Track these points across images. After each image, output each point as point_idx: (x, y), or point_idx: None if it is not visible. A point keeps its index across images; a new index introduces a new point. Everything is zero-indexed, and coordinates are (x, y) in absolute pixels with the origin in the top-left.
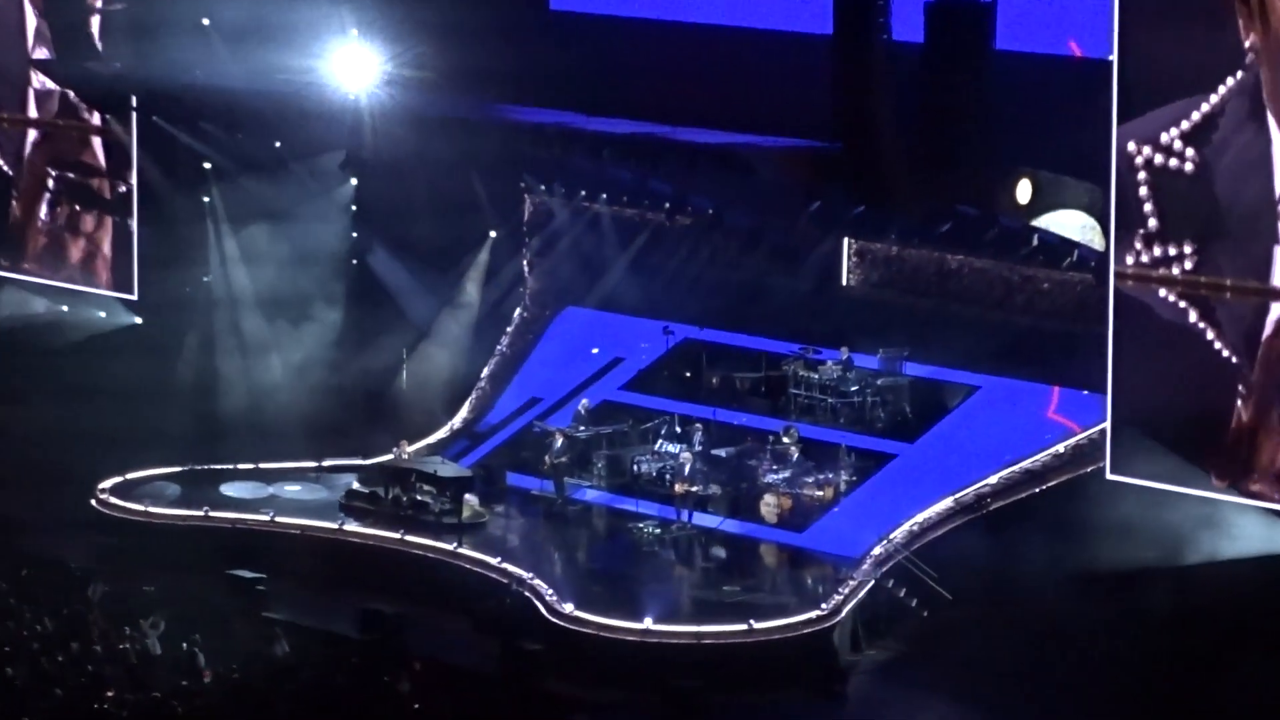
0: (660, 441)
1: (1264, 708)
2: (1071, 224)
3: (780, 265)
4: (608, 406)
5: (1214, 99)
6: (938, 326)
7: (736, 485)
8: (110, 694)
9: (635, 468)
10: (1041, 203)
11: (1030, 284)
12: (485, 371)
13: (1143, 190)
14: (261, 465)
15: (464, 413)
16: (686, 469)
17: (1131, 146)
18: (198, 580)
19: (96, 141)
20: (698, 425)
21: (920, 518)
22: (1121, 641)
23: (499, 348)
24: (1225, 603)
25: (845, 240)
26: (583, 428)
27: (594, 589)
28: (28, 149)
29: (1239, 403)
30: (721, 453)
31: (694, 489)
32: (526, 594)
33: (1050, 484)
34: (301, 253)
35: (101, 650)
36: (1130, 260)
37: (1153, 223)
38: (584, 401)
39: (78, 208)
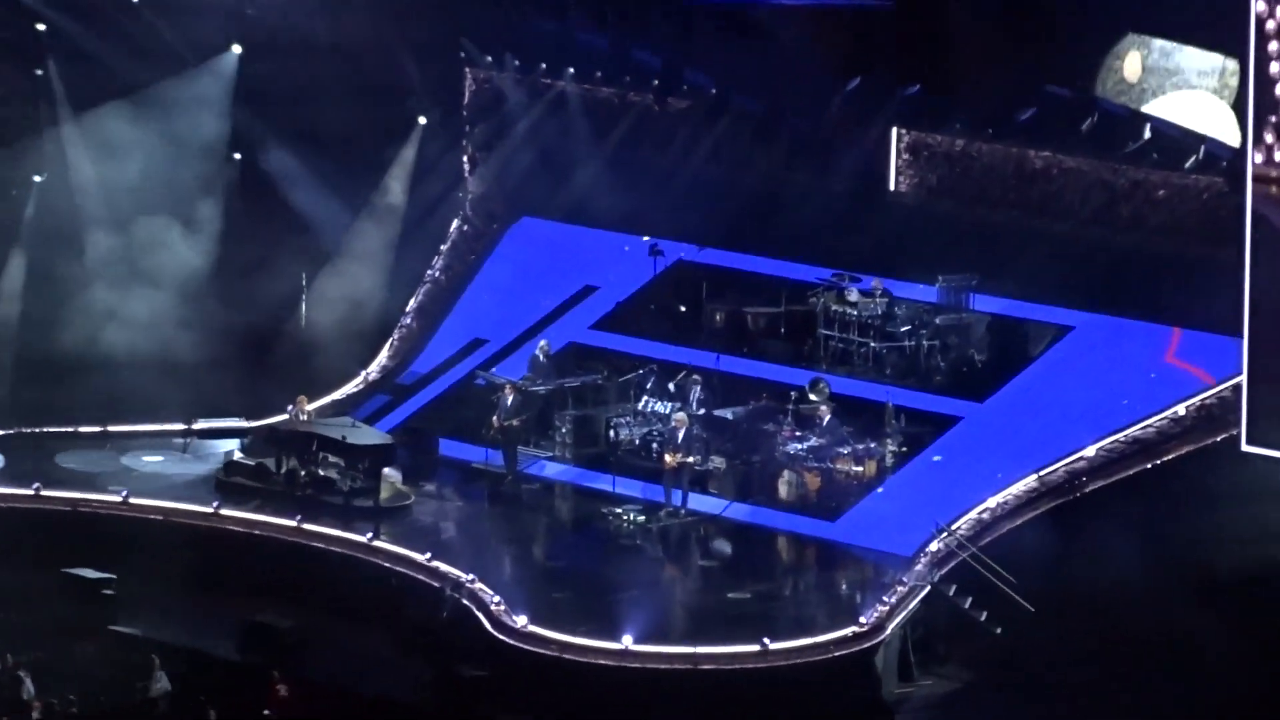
0: (645, 399)
1: None
2: (1196, 111)
3: (806, 164)
4: (575, 351)
5: None
6: (1016, 247)
7: (747, 458)
8: None
9: (612, 434)
10: (1156, 82)
11: (1140, 191)
12: (412, 304)
13: None
14: (110, 428)
15: (383, 358)
16: (680, 436)
17: (1262, 6)
18: (24, 581)
19: None
20: (695, 377)
21: (992, 502)
22: (1258, 670)
23: (430, 272)
24: None
25: (894, 131)
26: (541, 380)
27: (556, 596)
28: None
29: None
30: (727, 414)
31: (690, 462)
32: (466, 603)
33: (1167, 458)
34: (168, 146)
35: None
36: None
37: None
38: (543, 344)
39: None
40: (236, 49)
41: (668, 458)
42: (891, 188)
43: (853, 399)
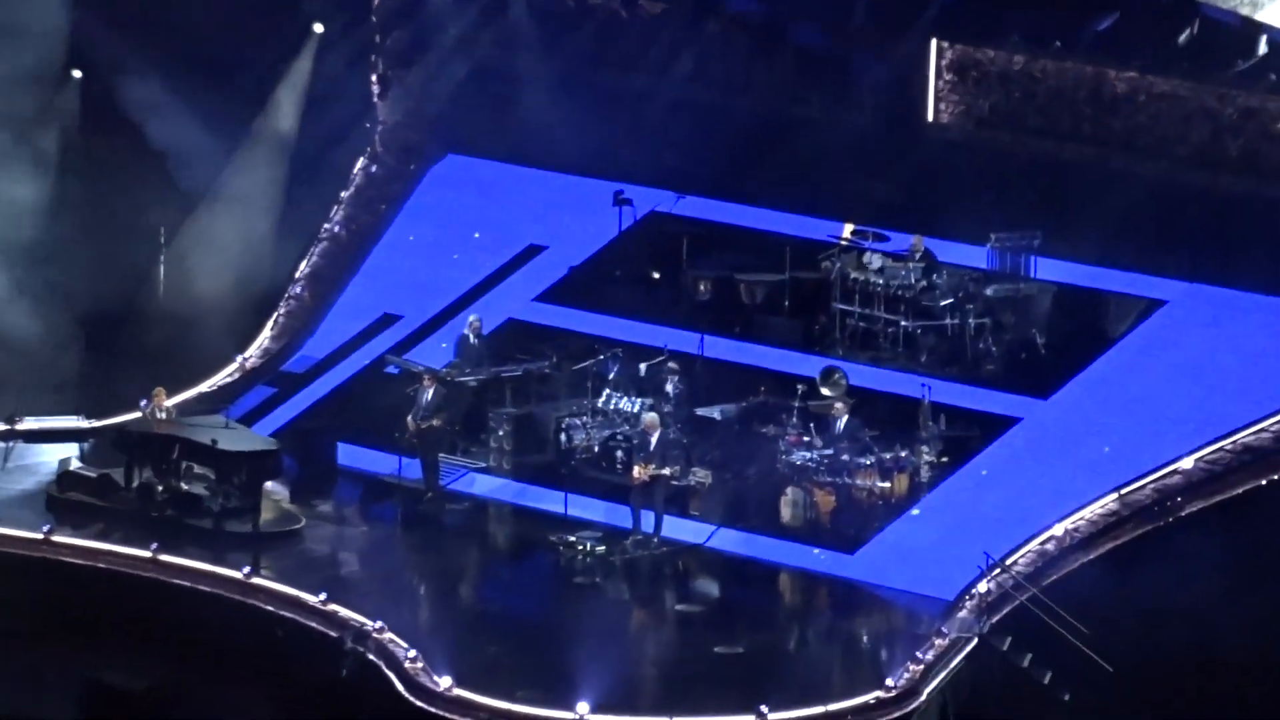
0: (607, 394)
1: None
2: None
3: (818, 87)
4: (516, 330)
5: None
6: (1092, 195)
7: (739, 470)
8: None
9: (564, 438)
10: None
11: (1254, 122)
12: (304, 267)
13: None
14: None
15: (265, 339)
16: (653, 441)
17: None
18: None
19: None
20: (673, 365)
21: (1060, 529)
22: None
23: (328, 226)
24: None
25: (933, 45)
26: (472, 368)
27: (490, 650)
28: None
29: None
30: (714, 413)
31: (665, 475)
32: (372, 658)
33: None
34: None
35: None
36: None
37: None
38: (474, 321)
39: None
40: None
41: (636, 470)
42: (930, 117)
43: (878, 394)
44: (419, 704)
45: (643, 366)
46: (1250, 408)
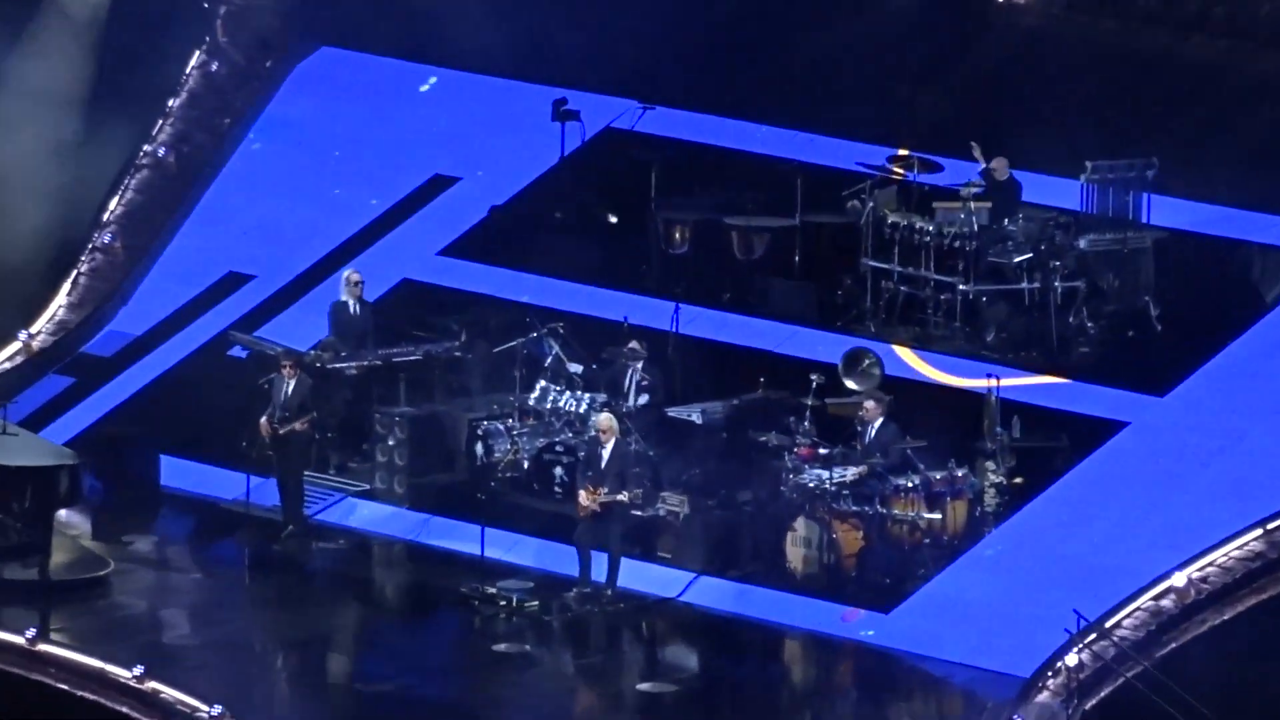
0: (543, 387)
1: None
2: None
3: None
4: (414, 295)
5: None
6: (1226, 109)
7: (728, 496)
8: None
9: (481, 449)
10: None
11: None
12: (113, 207)
13: None
14: None
15: (59, 309)
16: (606, 454)
17: None
18: None
19: None
20: (635, 347)
21: (1181, 579)
22: None
23: (149, 148)
24: None
25: None
26: (349, 352)
27: None
28: None
29: None
30: (693, 415)
31: (624, 500)
32: None
33: None
34: None
35: None
36: None
37: None
38: (353, 279)
39: None
40: None
41: (584, 495)
42: None
43: (925, 388)
44: None
45: (590, 361)
46: None
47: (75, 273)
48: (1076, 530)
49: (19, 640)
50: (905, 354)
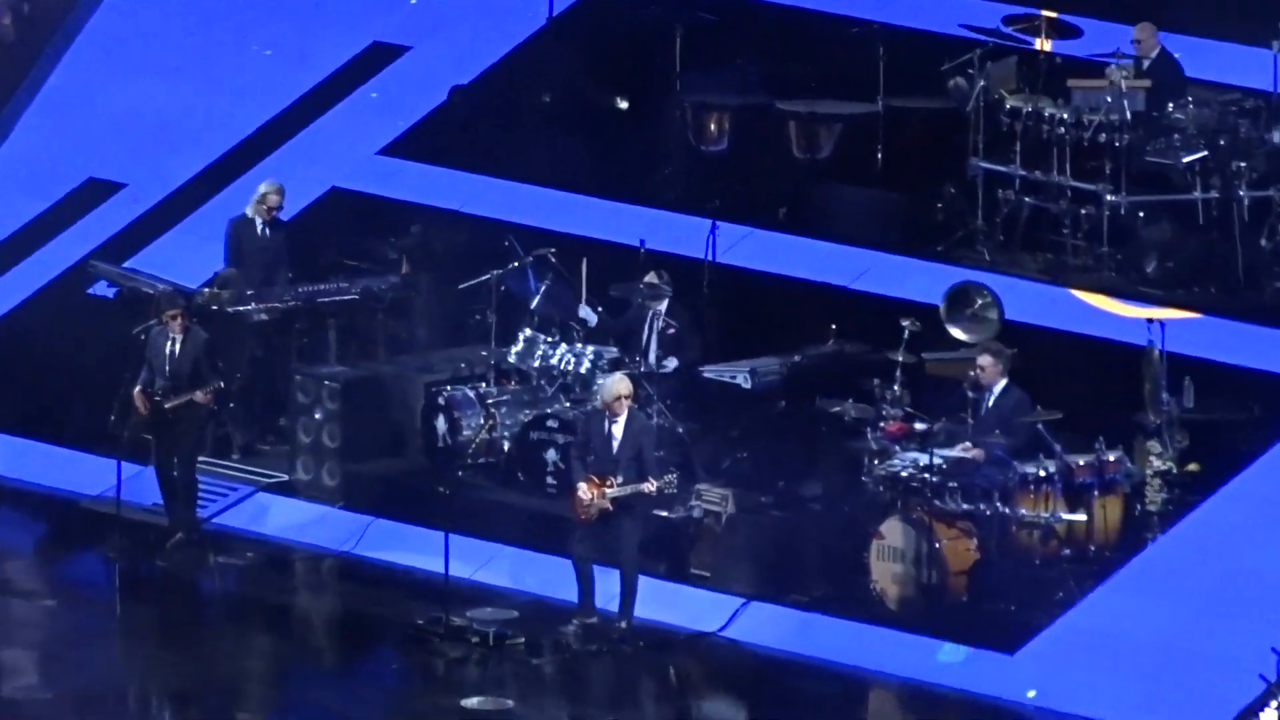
0: (528, 337)
1: None
2: None
3: None
4: (348, 209)
5: None
6: None
7: (787, 489)
8: None
9: (442, 425)
10: None
11: None
12: None
13: None
14: None
15: None
16: (617, 434)
17: None
18: None
19: None
20: (655, 281)
21: None
22: None
23: None
24: None
25: None
26: (257, 290)
27: None
28: None
29: None
30: (739, 376)
31: (647, 491)
32: None
33: None
34: None
35: None
36: None
37: None
38: (268, 192)
39: None
40: None
41: (585, 488)
42: None
43: (1061, 338)
44: None
45: (565, 298)
46: None
47: None
48: (1274, 537)
49: None
50: (1037, 291)
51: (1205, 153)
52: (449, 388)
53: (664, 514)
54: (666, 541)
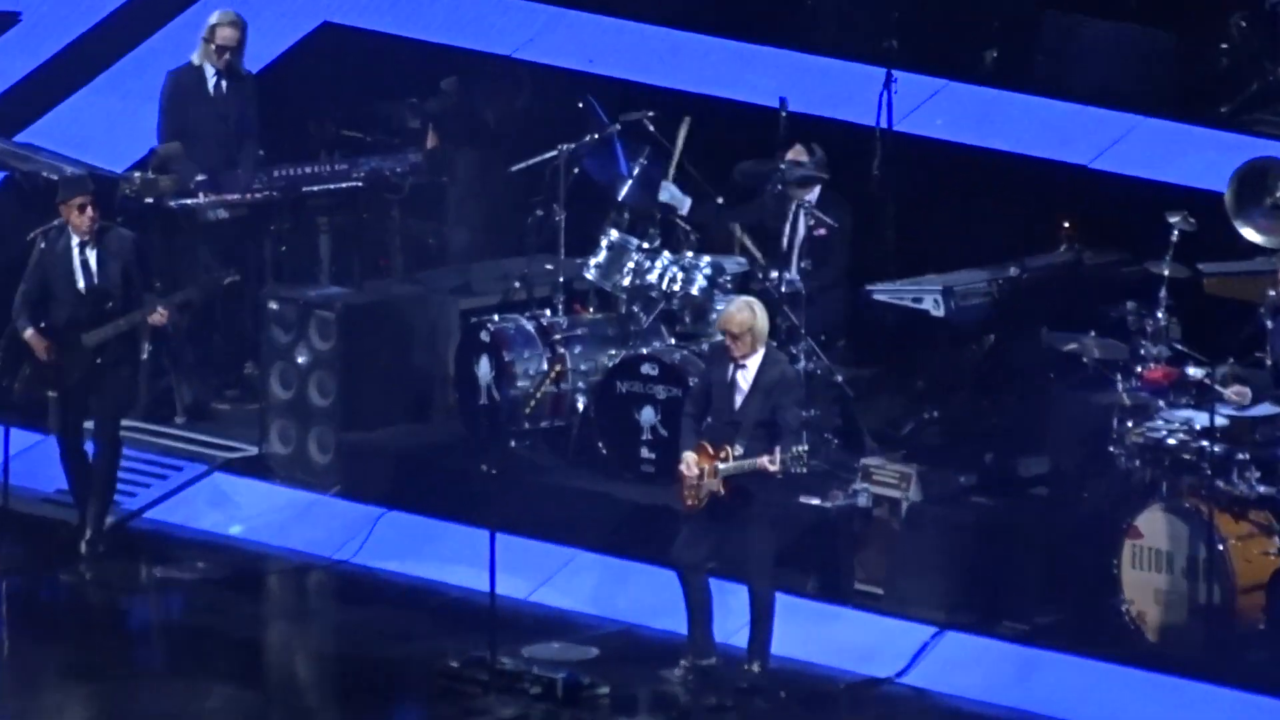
0: (610, 238)
1: None
2: None
3: None
4: (335, 47)
5: None
6: None
7: (998, 466)
8: None
9: (488, 371)
10: None
11: None
12: None
13: None
14: None
15: None
16: (745, 382)
17: None
18: None
19: None
20: (799, 154)
21: None
22: None
23: None
24: None
25: None
26: (203, 179)
27: None
28: None
29: None
30: (924, 299)
31: (774, 469)
32: None
33: None
34: None
35: None
36: None
37: None
38: (221, 26)
39: None
40: None
41: (688, 462)
42: None
43: None
44: None
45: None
46: None
47: None
48: None
49: None
50: None
51: None
52: (496, 317)
53: (814, 501)
54: (819, 543)
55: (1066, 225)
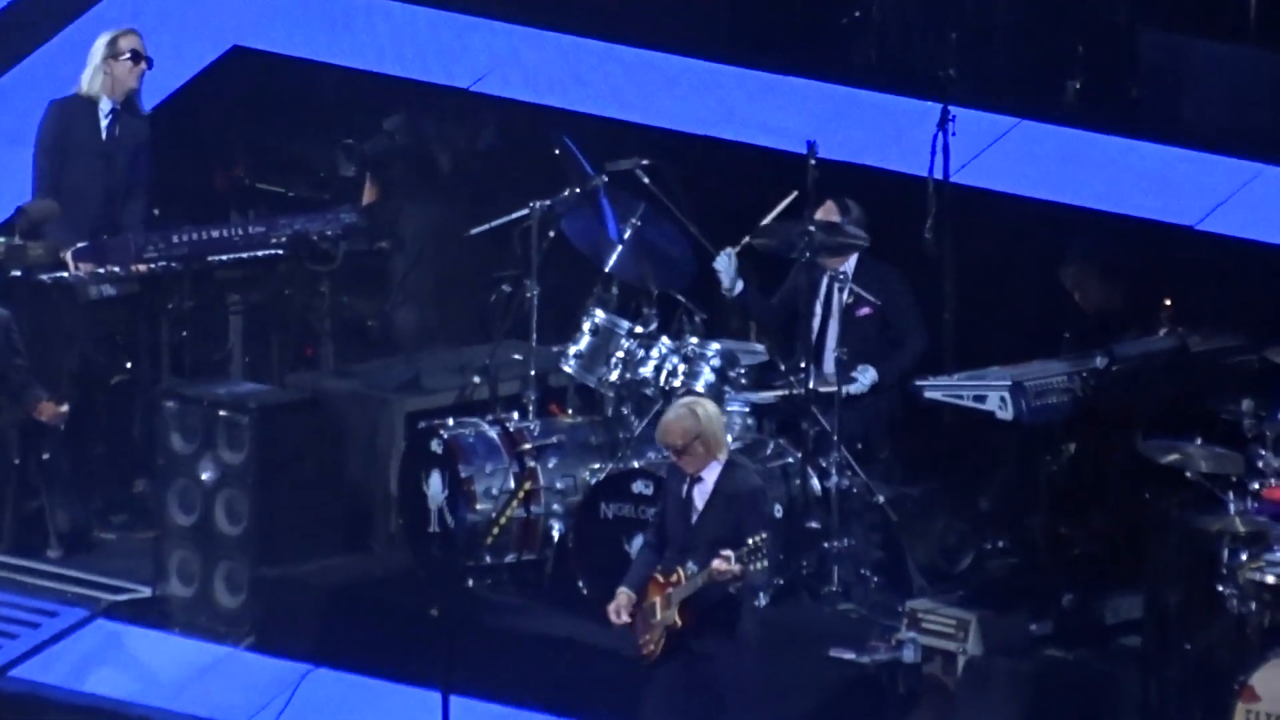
0: (594, 320)
1: None
2: None
3: None
4: (248, 75)
5: None
6: None
7: (1081, 611)
8: None
9: (440, 491)
10: None
11: None
12: None
13: None
14: None
15: None
16: (696, 506)
17: None
18: None
19: None
20: (830, 213)
21: None
22: None
23: None
24: None
25: None
26: (86, 245)
27: None
28: None
29: None
30: (988, 396)
31: (727, 573)
32: None
33: None
34: None
35: None
36: None
37: None
38: (117, 36)
39: None
40: None
41: (613, 619)
42: None
43: None
44: None
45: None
46: None
47: None
48: None
49: None
50: None
51: None
52: (451, 422)
53: (849, 656)
54: (854, 709)
55: (1167, 303)
